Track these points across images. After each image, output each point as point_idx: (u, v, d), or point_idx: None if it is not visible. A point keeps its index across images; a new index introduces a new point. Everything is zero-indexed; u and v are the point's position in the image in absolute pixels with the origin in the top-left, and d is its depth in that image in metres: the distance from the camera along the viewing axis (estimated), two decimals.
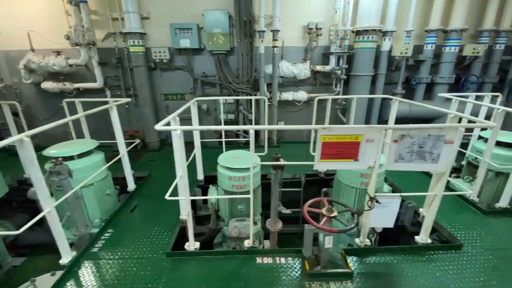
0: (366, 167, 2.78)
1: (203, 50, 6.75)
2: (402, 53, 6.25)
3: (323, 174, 5.42)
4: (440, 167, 2.78)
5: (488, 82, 6.87)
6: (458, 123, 3.14)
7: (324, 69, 6.70)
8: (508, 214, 3.88)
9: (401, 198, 2.97)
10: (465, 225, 3.68)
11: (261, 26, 5.95)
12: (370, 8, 5.89)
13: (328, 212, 2.69)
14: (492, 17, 6.33)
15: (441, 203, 4.23)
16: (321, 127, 2.57)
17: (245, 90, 6.72)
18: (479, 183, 4.13)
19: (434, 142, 2.69)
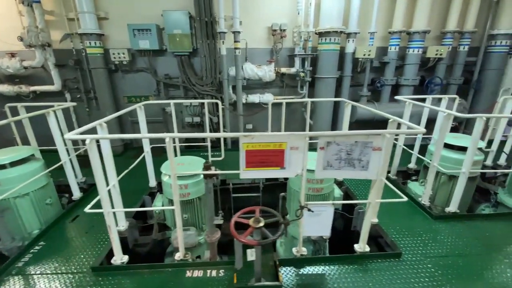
0: (294, 175, 2.67)
1: (166, 51, 6.58)
2: (365, 55, 6.20)
3: (282, 179, 5.32)
4: (371, 174, 2.69)
5: (453, 84, 6.88)
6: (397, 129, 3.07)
7: (289, 71, 6.61)
8: (456, 219, 3.83)
9: (334, 206, 2.88)
10: (411, 231, 3.62)
11: (221, 27, 5.82)
12: (332, 9, 5.81)
13: (254, 222, 2.57)
14: (455, 18, 6.33)
15: (395, 208, 4.22)
16: (243, 135, 2.45)
17: (209, 92, 6.58)
18: (428, 187, 4.09)
19: (362, 149, 2.60)
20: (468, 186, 4.23)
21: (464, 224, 3.72)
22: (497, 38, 6.54)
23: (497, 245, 3.30)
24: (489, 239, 3.42)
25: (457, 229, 3.63)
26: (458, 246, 3.30)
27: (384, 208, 4.14)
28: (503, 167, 5.61)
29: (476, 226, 3.69)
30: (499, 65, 6.76)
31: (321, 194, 3.81)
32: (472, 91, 7.01)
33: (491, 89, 6.90)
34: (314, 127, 6.95)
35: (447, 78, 6.90)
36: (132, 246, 3.93)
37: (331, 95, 6.54)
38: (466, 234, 3.53)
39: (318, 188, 3.81)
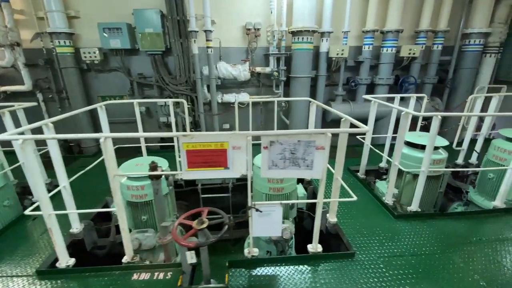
0: (239, 175, 2.63)
1: (139, 51, 6.50)
2: (338, 54, 6.18)
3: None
4: (315, 173, 2.65)
5: (427, 83, 6.89)
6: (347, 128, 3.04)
7: (264, 71, 6.57)
8: (418, 218, 3.82)
9: (283, 206, 2.84)
10: (371, 230, 3.59)
11: (193, 26, 5.77)
12: (304, 8, 5.78)
13: (198, 224, 2.52)
14: (427, 18, 6.34)
15: (360, 207, 4.20)
16: (182, 134, 2.40)
17: (184, 91, 6.52)
18: (391, 186, 4.07)
19: (305, 148, 2.57)
20: (431, 185, 4.24)
21: (425, 223, 3.71)
22: (471, 37, 6.57)
23: (453, 245, 3.29)
24: (447, 238, 3.40)
25: (417, 228, 3.61)
26: (414, 245, 3.28)
27: (348, 207, 4.16)
28: (474, 165, 5.63)
29: (436, 225, 3.68)
30: (474, 64, 6.79)
31: (282, 194, 3.78)
32: (447, 90, 7.03)
33: (466, 88, 6.93)
34: (290, 126, 6.93)
35: (422, 77, 6.91)
36: (91, 249, 3.87)
37: (306, 94, 6.51)
38: (424, 233, 3.51)
39: (279, 188, 3.78)
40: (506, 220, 3.79)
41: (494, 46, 6.74)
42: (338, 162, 3.30)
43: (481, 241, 3.32)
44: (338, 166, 3.34)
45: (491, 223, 3.75)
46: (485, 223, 3.76)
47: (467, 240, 3.36)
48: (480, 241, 3.33)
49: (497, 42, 6.67)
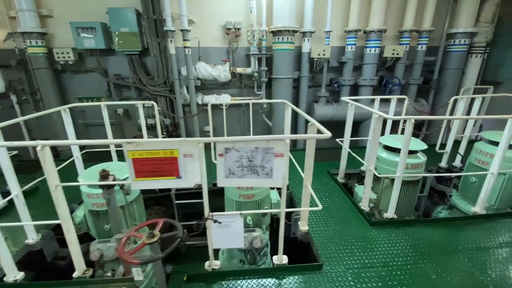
0: (193, 185, 2.46)
1: (116, 51, 6.30)
2: (320, 55, 6.02)
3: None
4: (275, 182, 2.49)
5: (412, 84, 6.76)
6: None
7: (245, 72, 6.39)
8: (393, 225, 3.66)
9: (243, 216, 2.67)
10: (344, 238, 3.43)
11: (169, 25, 5.59)
12: (283, 7, 5.62)
13: (147, 238, 2.34)
14: (411, 17, 6.21)
15: (336, 213, 4.04)
16: (125, 142, 2.22)
17: (162, 93, 6.33)
18: (367, 191, 3.92)
19: (264, 156, 2.40)
20: (410, 190, 4.09)
21: (401, 231, 3.56)
22: (456, 37, 6.44)
23: (428, 255, 3.13)
24: (421, 247, 3.25)
25: (392, 236, 3.46)
26: (387, 255, 3.12)
27: (324, 213, 3.99)
28: (458, 168, 5.51)
29: (413, 232, 3.52)
30: (459, 64, 6.66)
31: (253, 201, 3.62)
32: (433, 91, 6.90)
33: (451, 89, 6.80)
34: (272, 128, 6.77)
35: (406, 78, 6.78)
36: (52, 259, 3.68)
37: (288, 95, 6.36)
38: (399, 241, 3.35)
39: (249, 195, 3.61)
40: (487, 227, 3.65)
41: (480, 46, 6.62)
42: (307, 168, 3.14)
43: (457, 251, 3.17)
44: (307, 172, 3.18)
45: (471, 230, 3.60)
46: (464, 230, 3.61)
47: (443, 249, 3.20)
48: (456, 250, 3.18)
49: (483, 42, 6.55)
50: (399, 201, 4.12)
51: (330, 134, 2.46)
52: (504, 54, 6.71)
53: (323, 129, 2.54)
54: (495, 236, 3.46)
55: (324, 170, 5.41)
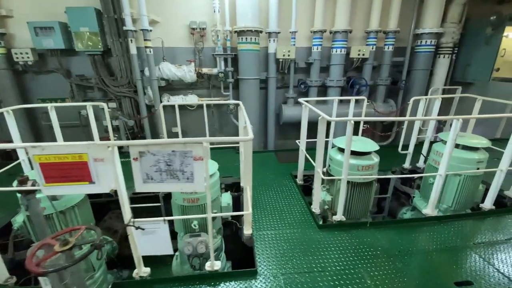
0: (108, 190, 2.36)
1: (79, 51, 6.16)
2: (285, 56, 5.95)
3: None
4: (197, 186, 2.40)
5: (380, 85, 6.73)
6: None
7: (211, 72, 6.29)
8: (341, 228, 3.60)
9: (168, 222, 2.57)
10: (288, 242, 3.36)
11: (128, 25, 5.47)
12: (246, 7, 5.54)
13: (60, 246, 2.23)
14: (376, 18, 6.17)
15: (288, 216, 3.97)
16: (31, 146, 2.12)
17: (126, 93, 6.21)
18: (316, 194, 3.85)
19: (182, 159, 2.32)
20: (363, 192, 4.04)
21: (348, 235, 3.49)
22: (422, 37, 6.43)
23: (369, 259, 3.07)
24: (365, 251, 3.19)
25: (337, 240, 3.39)
26: (327, 259, 3.06)
27: (275, 216, 3.92)
28: (421, 169, 5.48)
29: (360, 236, 3.47)
30: (426, 65, 6.65)
31: (198, 205, 3.53)
32: (402, 92, 6.88)
33: (419, 90, 6.79)
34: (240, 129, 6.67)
35: (375, 78, 6.75)
36: None
37: (255, 97, 6.28)
38: (343, 245, 3.29)
39: (193, 199, 3.53)
40: (436, 230, 3.60)
41: (447, 47, 6.62)
42: (246, 171, 3.07)
43: (399, 255, 3.11)
44: (246, 176, 3.11)
45: (419, 233, 3.55)
46: (413, 233, 3.56)
47: (387, 253, 3.14)
48: (399, 254, 3.12)
49: (450, 43, 6.55)
50: (351, 203, 4.08)
51: (249, 137, 2.39)
52: (472, 55, 6.73)
53: (248, 132, 2.46)
54: (442, 239, 3.41)
55: (288, 171, 5.35)
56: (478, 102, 4.77)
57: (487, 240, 3.36)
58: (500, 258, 3.06)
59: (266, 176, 5.17)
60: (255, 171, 5.44)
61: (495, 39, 6.13)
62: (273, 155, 6.25)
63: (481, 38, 6.39)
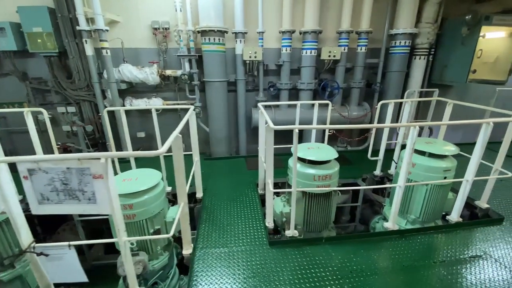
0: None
1: (35, 53, 5.81)
2: (251, 57, 5.66)
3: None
4: (101, 208, 2.09)
5: (354, 87, 6.46)
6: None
7: (175, 74, 5.98)
8: (293, 245, 3.31)
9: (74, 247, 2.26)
10: (232, 262, 3.05)
11: (82, 24, 5.15)
12: (208, 6, 5.24)
13: None
14: (347, 18, 5.90)
15: (241, 231, 3.66)
16: None
17: (85, 97, 5.88)
18: (268, 207, 3.55)
19: (81, 178, 2.00)
20: (321, 203, 3.75)
21: (298, 252, 3.20)
22: (397, 38, 6.17)
23: (315, 281, 2.78)
24: (313, 272, 2.90)
25: (285, 258, 3.09)
26: (273, 281, 2.76)
27: (226, 232, 3.61)
28: (393, 176, 5.20)
29: (311, 253, 3.17)
30: (402, 67, 6.39)
31: (135, 221, 3.22)
32: (377, 95, 6.62)
33: (395, 92, 6.53)
34: (210, 135, 6.38)
35: (348, 81, 6.48)
36: None
37: (223, 100, 5.98)
38: (292, 265, 2.99)
39: (129, 215, 3.21)
40: (398, 246, 3.32)
41: (423, 48, 6.37)
42: (179, 186, 2.76)
43: (352, 276, 2.83)
44: (180, 189, 2.80)
45: (380, 249, 3.27)
46: (373, 249, 3.27)
47: (338, 274, 2.85)
48: (351, 275, 2.83)
49: (426, 43, 6.30)
50: (310, 215, 3.80)
51: (160, 151, 2.08)
52: (449, 56, 6.49)
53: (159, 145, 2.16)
54: (402, 256, 3.13)
55: (254, 179, 5.05)
56: (449, 106, 4.51)
57: (452, 258, 3.08)
58: (465, 278, 2.79)
59: (229, 185, 4.87)
60: (218, 179, 5.16)
61: (471, 39, 5.90)
62: (243, 161, 5.96)
63: (458, 38, 6.15)
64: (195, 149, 3.99)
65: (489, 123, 3.15)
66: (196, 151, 4.01)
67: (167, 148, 2.14)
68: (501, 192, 4.56)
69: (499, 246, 3.29)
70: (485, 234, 3.52)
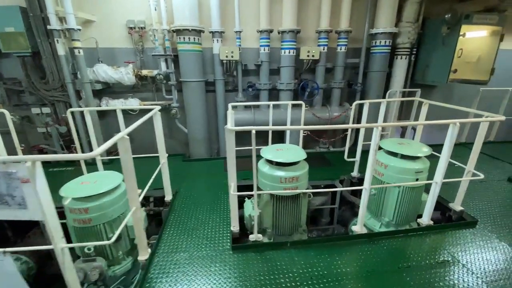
0: None
1: (9, 53, 5.69)
2: (228, 57, 5.56)
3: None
4: (33, 213, 1.98)
5: (335, 88, 6.37)
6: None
7: (152, 74, 5.87)
8: (256, 249, 3.21)
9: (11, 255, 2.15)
10: (192, 269, 2.95)
11: (53, 24, 5.04)
12: (183, 5, 5.15)
13: None
14: (326, 17, 5.82)
15: (207, 234, 3.55)
16: None
17: (59, 98, 5.77)
18: (233, 210, 3.45)
19: (9, 182, 1.90)
20: (288, 206, 3.65)
21: (260, 257, 3.11)
22: (377, 37, 6.10)
23: (265, 284, 2.69)
24: (272, 278, 2.80)
25: (248, 264, 3.00)
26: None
27: (191, 236, 3.51)
28: None
29: (274, 259, 3.08)
30: (383, 67, 6.31)
31: (91, 225, 3.15)
32: (358, 95, 6.54)
33: (377, 92, 6.45)
34: (189, 136, 6.27)
35: (329, 81, 6.40)
36: None
37: (200, 100, 5.88)
38: (252, 271, 2.90)
39: (85, 219, 3.12)
40: (365, 250, 3.22)
41: (404, 48, 6.30)
42: (130, 189, 2.66)
43: (312, 284, 2.73)
44: (131, 193, 2.70)
45: (346, 254, 3.18)
46: (339, 254, 3.18)
47: (297, 281, 2.76)
48: (311, 283, 2.73)
49: (407, 43, 6.22)
50: (279, 219, 3.71)
51: (95, 153, 1.98)
52: (430, 55, 6.42)
53: (98, 149, 2.06)
54: (367, 261, 3.04)
55: None
56: (425, 106, 4.43)
57: (418, 263, 2.99)
58: (427, 284, 2.70)
59: (203, 187, 4.77)
60: (194, 181, 5.05)
61: (452, 39, 5.82)
62: (222, 162, 5.86)
63: (439, 38, 6.08)
64: (162, 151, 3.90)
65: (456, 123, 3.07)
66: (162, 153, 3.91)
67: (103, 150, 2.03)
68: (479, 194, 4.49)
69: (469, 251, 3.21)
70: (456, 238, 3.43)
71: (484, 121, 3.28)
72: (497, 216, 3.90)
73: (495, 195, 4.50)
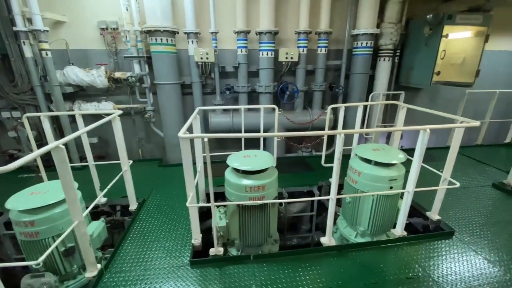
0: None
1: None
2: (203, 59, 5.36)
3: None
4: None
5: (316, 90, 6.18)
6: None
7: (125, 76, 5.67)
8: (215, 265, 3.01)
9: None
10: (150, 283, 2.75)
11: (19, 25, 4.83)
12: (154, 5, 4.95)
13: None
14: (305, 18, 5.64)
15: (168, 248, 3.36)
16: None
17: (29, 101, 5.56)
18: (194, 221, 3.24)
19: None
20: (254, 216, 3.45)
21: (220, 272, 2.91)
22: (359, 39, 5.92)
23: None
24: None
25: (205, 281, 2.80)
26: None
27: (150, 251, 3.30)
28: None
29: (233, 274, 2.88)
30: (365, 69, 6.13)
31: (38, 239, 2.93)
32: (341, 98, 6.35)
33: (359, 95, 6.27)
34: (165, 140, 6.08)
35: (310, 84, 6.21)
36: None
37: (176, 103, 5.68)
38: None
39: (31, 232, 2.90)
40: (333, 264, 3.03)
41: (387, 49, 6.13)
42: (70, 201, 2.45)
43: None
44: (72, 206, 2.50)
45: (312, 268, 2.98)
46: (306, 268, 2.98)
47: None
48: None
49: (390, 44, 6.05)
50: (246, 229, 3.51)
51: (12, 167, 1.77)
52: (414, 57, 6.25)
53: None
54: (333, 277, 2.84)
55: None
56: (403, 110, 4.26)
57: (386, 278, 2.80)
58: None
59: (174, 195, 4.55)
60: (166, 188, 4.84)
61: (434, 40, 5.65)
62: None
63: (422, 39, 5.91)
64: (123, 158, 3.70)
65: (426, 130, 2.88)
66: (124, 160, 3.70)
67: (20, 164, 1.83)
68: (460, 201, 4.31)
69: (442, 265, 3.02)
70: (429, 251, 3.25)
71: (459, 126, 3.10)
72: (476, 225, 3.71)
73: (477, 202, 4.31)
